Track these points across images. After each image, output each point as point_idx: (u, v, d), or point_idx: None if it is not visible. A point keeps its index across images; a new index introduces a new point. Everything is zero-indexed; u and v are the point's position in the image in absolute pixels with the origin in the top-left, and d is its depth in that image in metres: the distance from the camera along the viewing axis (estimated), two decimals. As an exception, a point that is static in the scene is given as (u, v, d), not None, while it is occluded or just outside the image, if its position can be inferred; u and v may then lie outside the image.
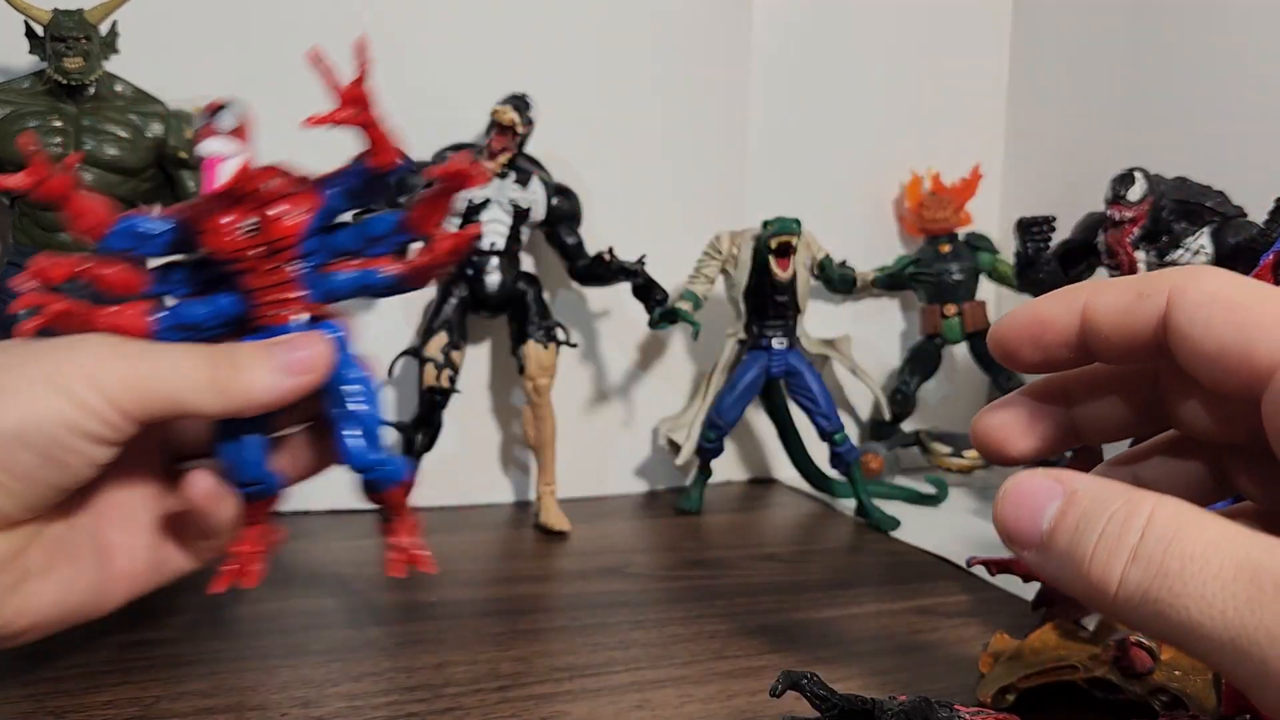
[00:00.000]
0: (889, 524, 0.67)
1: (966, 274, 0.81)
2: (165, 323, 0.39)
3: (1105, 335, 0.26)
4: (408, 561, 0.43)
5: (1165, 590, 0.21)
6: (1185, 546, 0.22)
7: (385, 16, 0.67)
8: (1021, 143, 0.88)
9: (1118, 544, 0.22)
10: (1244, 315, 0.24)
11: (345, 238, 0.41)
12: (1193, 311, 0.25)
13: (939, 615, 0.50)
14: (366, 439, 0.40)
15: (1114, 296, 0.26)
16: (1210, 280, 0.25)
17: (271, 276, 0.39)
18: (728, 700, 0.40)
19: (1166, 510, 0.22)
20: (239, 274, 0.39)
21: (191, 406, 0.35)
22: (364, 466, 0.40)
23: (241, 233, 0.38)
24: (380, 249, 0.41)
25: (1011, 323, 0.28)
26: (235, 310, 0.39)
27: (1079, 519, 0.23)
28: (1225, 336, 0.24)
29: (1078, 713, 0.38)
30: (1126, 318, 0.26)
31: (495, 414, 0.73)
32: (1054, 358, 0.27)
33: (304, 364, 0.37)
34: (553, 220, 0.68)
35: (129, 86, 0.59)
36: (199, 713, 0.37)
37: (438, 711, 0.38)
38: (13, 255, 0.57)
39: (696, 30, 0.76)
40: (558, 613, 0.50)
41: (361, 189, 0.40)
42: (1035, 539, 0.24)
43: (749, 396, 0.71)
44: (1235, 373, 0.24)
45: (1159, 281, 0.26)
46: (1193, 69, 0.72)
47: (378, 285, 0.41)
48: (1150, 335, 0.26)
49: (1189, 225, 0.62)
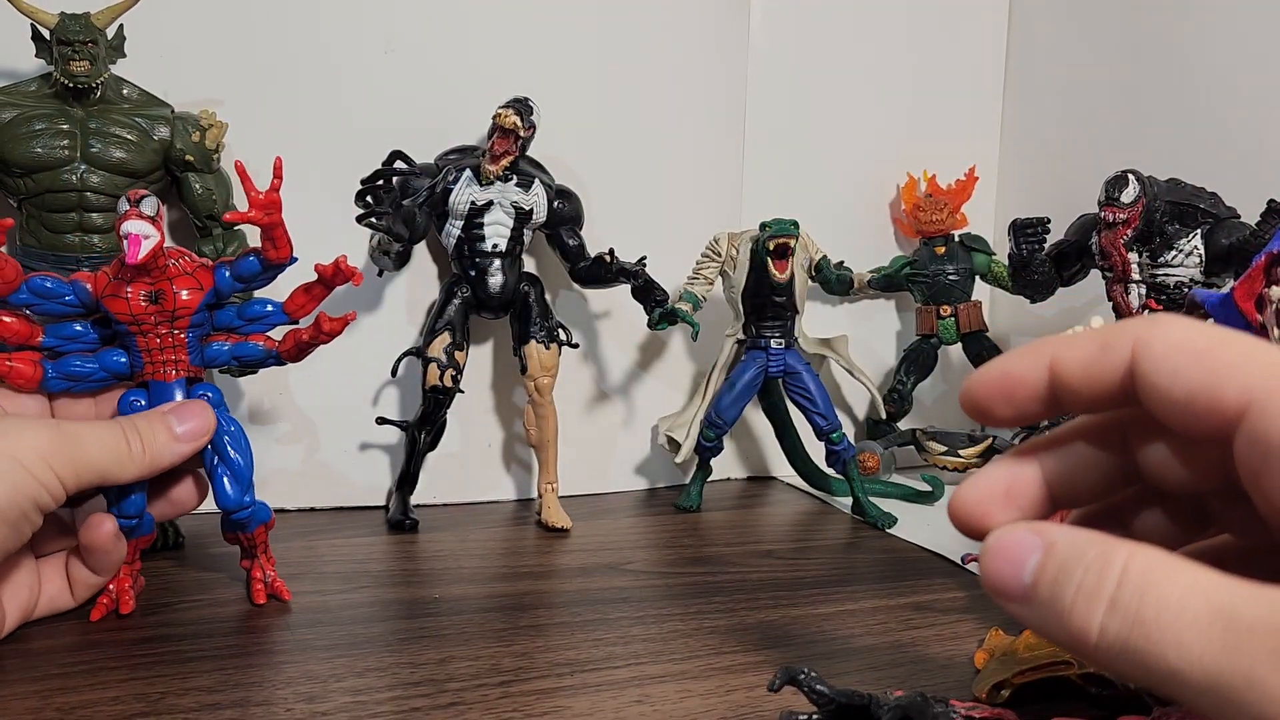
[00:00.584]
0: (885, 521, 0.68)
1: (962, 275, 0.81)
2: (52, 371, 0.47)
3: (1074, 388, 0.27)
4: (270, 591, 0.51)
5: (1143, 639, 0.22)
6: (1160, 595, 0.22)
7: (388, 20, 0.67)
8: (1016, 145, 0.89)
9: (1095, 593, 0.23)
10: (1209, 360, 0.24)
11: (226, 315, 0.50)
12: (1159, 360, 0.25)
13: (935, 611, 0.51)
14: (239, 485, 0.48)
15: (1080, 349, 0.27)
16: (1173, 328, 0.25)
17: (163, 340, 0.47)
18: (727, 695, 0.40)
19: (1140, 559, 0.23)
20: (134, 335, 0.47)
21: (114, 478, 0.43)
22: (237, 507, 0.48)
23: (143, 300, 0.46)
24: (255, 328, 0.50)
25: (982, 380, 0.28)
26: (121, 368, 0.48)
27: (1057, 570, 0.24)
28: (1193, 382, 0.24)
29: (1072, 708, 0.39)
30: (1093, 369, 0.26)
31: (497, 413, 0.73)
32: (1026, 412, 0.28)
33: (195, 432, 0.46)
34: (554, 223, 0.68)
35: (135, 90, 0.59)
36: (205, 708, 0.38)
37: (441, 706, 0.39)
38: (20, 257, 0.57)
39: (695, 34, 0.77)
40: (559, 609, 0.50)
41: (253, 275, 0.48)
42: (1019, 593, 0.24)
43: (747, 396, 0.71)
44: (1205, 417, 0.24)
45: (1122, 332, 0.26)
46: (1186, 72, 0.73)
47: (249, 358, 0.50)
48: (1118, 385, 0.26)
49: (1182, 227, 0.63)
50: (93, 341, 0.48)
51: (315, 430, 0.68)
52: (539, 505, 0.67)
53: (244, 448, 0.49)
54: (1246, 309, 0.37)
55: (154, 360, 0.47)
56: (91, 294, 0.47)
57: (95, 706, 0.37)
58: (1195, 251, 0.62)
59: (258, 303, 0.50)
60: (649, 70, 0.75)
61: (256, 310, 0.50)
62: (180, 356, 0.48)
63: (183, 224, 0.64)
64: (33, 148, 0.55)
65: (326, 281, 0.49)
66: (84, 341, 0.48)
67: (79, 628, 0.45)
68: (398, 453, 0.69)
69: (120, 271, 0.46)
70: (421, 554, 0.60)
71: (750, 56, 0.79)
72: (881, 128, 0.85)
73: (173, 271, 0.47)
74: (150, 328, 0.47)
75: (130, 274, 0.46)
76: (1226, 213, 0.63)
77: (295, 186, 0.64)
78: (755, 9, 0.79)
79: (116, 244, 0.53)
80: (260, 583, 0.51)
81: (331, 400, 0.68)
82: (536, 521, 0.67)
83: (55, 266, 0.56)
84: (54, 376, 0.47)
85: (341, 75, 0.67)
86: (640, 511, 0.72)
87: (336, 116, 0.67)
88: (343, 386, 0.68)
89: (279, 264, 0.48)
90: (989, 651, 0.43)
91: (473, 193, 0.65)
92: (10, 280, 0.45)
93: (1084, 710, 0.38)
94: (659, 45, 0.75)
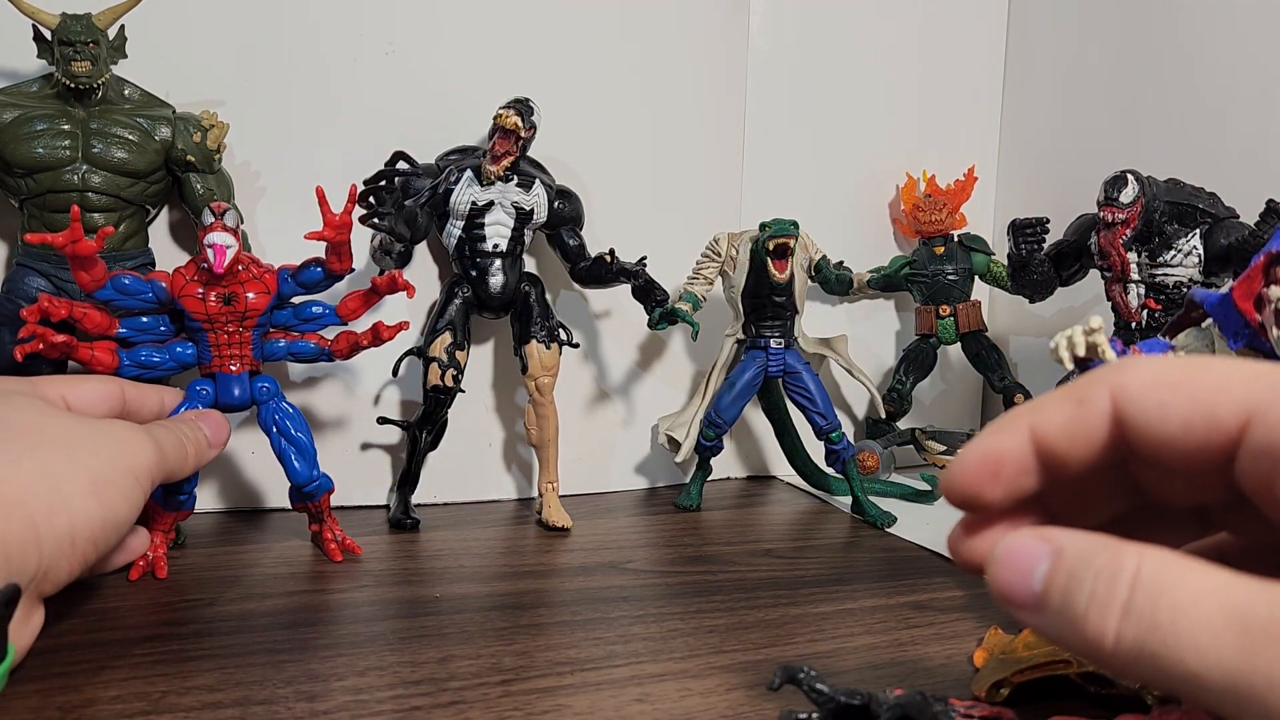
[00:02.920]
0: (885, 520, 0.68)
1: (961, 275, 0.81)
2: (126, 360, 0.53)
3: (1060, 451, 0.26)
4: (344, 548, 0.57)
5: (1160, 643, 0.22)
6: (1174, 598, 0.22)
7: (390, 21, 0.67)
8: (1015, 145, 0.89)
9: (1108, 600, 0.23)
10: (1193, 389, 0.24)
11: (284, 316, 0.56)
12: (1143, 401, 0.25)
13: (934, 610, 0.51)
14: (306, 460, 0.56)
15: (1055, 411, 0.26)
16: (1144, 369, 0.25)
17: (231, 337, 0.54)
18: (726, 693, 0.40)
19: (1151, 562, 0.22)
20: (205, 331, 0.54)
21: (175, 478, 0.48)
22: (307, 480, 0.55)
23: (216, 300, 0.53)
24: (310, 327, 0.57)
25: (963, 466, 0.27)
26: (188, 359, 0.55)
27: (1067, 578, 0.23)
28: (1184, 412, 0.24)
29: (1071, 707, 0.39)
30: (1076, 429, 0.26)
31: (498, 412, 0.74)
32: (1017, 488, 0.27)
33: (220, 440, 0.51)
34: (555, 223, 0.68)
35: (137, 90, 0.59)
36: (206, 707, 0.38)
37: (441, 705, 0.39)
38: (21, 258, 0.57)
39: (694, 34, 0.77)
40: (559, 607, 0.50)
41: (315, 282, 0.55)
42: (1030, 601, 0.24)
43: (747, 395, 0.71)
44: (1205, 443, 0.24)
45: (1093, 384, 0.26)
46: (1185, 72, 0.73)
47: (303, 354, 0.57)
48: (1105, 439, 0.26)
49: (1181, 227, 0.63)
50: (163, 334, 0.54)
51: (316, 430, 0.68)
52: (539, 504, 0.67)
53: (305, 428, 0.56)
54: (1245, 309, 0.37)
55: (221, 354, 0.54)
56: (168, 292, 0.53)
57: (96, 705, 0.37)
58: (1194, 251, 0.62)
59: (313, 305, 0.57)
60: (649, 70, 0.75)
61: (312, 311, 0.57)
62: (245, 352, 0.55)
63: (184, 224, 0.64)
64: (34, 148, 0.55)
65: (381, 291, 0.55)
66: (155, 334, 0.54)
67: (80, 626, 0.46)
68: (399, 452, 0.69)
69: (197, 274, 0.53)
70: (422, 553, 0.60)
71: (750, 56, 0.79)
72: (881, 128, 0.85)
73: (244, 276, 0.53)
74: (221, 325, 0.54)
75: (207, 277, 0.52)
76: (1225, 213, 0.63)
77: (295, 186, 0.64)
78: (755, 9, 0.79)
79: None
80: (332, 542, 0.57)
81: (332, 400, 0.68)
82: (537, 521, 0.67)
83: (57, 267, 0.56)
84: (127, 365, 0.53)
85: (342, 76, 0.67)
86: (640, 511, 0.72)
87: (337, 117, 0.67)
88: (344, 386, 0.69)
89: (341, 274, 0.55)
90: (988, 650, 0.43)
91: (474, 193, 0.65)
92: (99, 278, 0.51)
93: (1083, 709, 0.39)
94: (659, 45, 0.75)
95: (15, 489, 0.36)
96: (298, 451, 0.55)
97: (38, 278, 0.56)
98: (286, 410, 0.56)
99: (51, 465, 0.38)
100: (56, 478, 0.38)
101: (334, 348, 0.57)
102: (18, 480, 0.36)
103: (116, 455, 0.41)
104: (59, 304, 0.50)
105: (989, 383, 0.83)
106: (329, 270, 0.55)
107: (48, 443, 0.39)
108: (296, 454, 0.55)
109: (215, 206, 0.52)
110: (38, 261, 0.57)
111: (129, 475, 0.41)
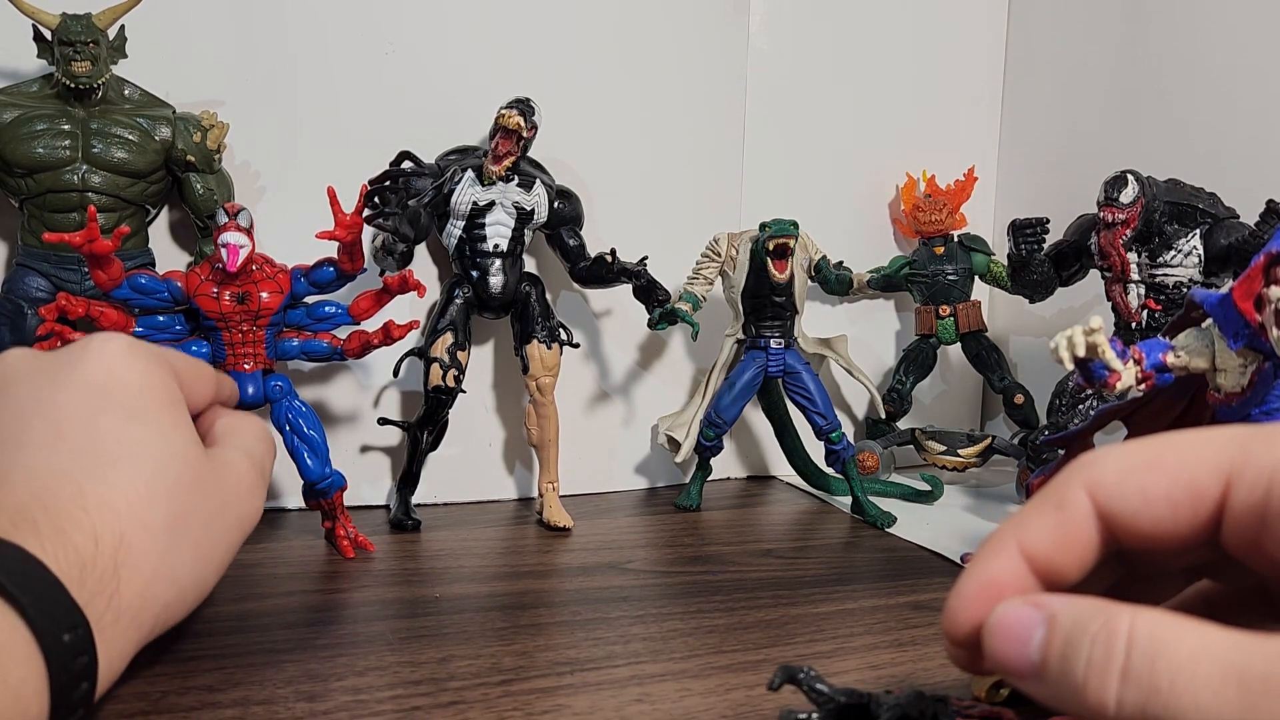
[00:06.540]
0: (885, 520, 0.68)
1: (961, 275, 0.81)
2: None
3: (1055, 562, 0.26)
4: (356, 544, 0.58)
5: (1161, 707, 0.22)
6: (1170, 659, 0.22)
7: (391, 21, 0.68)
8: (1015, 145, 0.89)
9: (1106, 666, 0.23)
10: (1166, 465, 0.25)
11: (297, 315, 0.57)
12: (1123, 489, 0.25)
13: (934, 610, 0.51)
14: (319, 458, 0.56)
15: (1039, 523, 0.26)
16: (1109, 460, 0.25)
17: (245, 335, 0.55)
18: (726, 694, 0.40)
19: (1144, 624, 0.23)
20: (219, 330, 0.55)
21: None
22: (320, 478, 0.56)
23: (230, 300, 0.54)
24: (322, 327, 0.58)
25: (962, 602, 0.26)
26: (203, 358, 0.54)
27: (1063, 645, 0.24)
28: (1167, 492, 0.24)
29: (1069, 706, 0.39)
30: (1063, 536, 0.26)
31: (499, 413, 0.74)
32: None
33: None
34: (555, 223, 0.68)
35: (137, 90, 0.59)
36: (205, 706, 0.38)
37: (441, 705, 0.39)
38: (21, 257, 0.57)
39: (694, 34, 0.77)
40: (559, 607, 0.51)
41: (327, 282, 0.56)
42: (1029, 670, 0.24)
43: (747, 395, 0.71)
44: (1193, 518, 0.24)
45: (1068, 485, 0.26)
46: (1185, 72, 0.73)
47: (316, 353, 0.58)
48: (1096, 538, 0.26)
49: (1181, 227, 0.63)
50: (178, 333, 0.55)
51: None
52: (540, 504, 0.68)
53: (317, 426, 0.57)
54: (1245, 309, 0.37)
55: (235, 353, 0.55)
56: (184, 291, 0.54)
57: (96, 705, 0.37)
58: (1194, 252, 0.62)
59: (326, 304, 0.57)
60: (649, 70, 0.75)
61: (325, 311, 0.57)
62: (258, 350, 0.55)
63: (184, 224, 0.64)
64: (34, 148, 0.55)
65: (392, 291, 0.56)
66: (170, 332, 0.55)
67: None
68: (399, 453, 0.69)
69: (212, 273, 0.54)
70: (422, 553, 0.60)
71: (750, 56, 0.80)
72: (881, 128, 0.85)
73: (257, 276, 0.54)
74: (235, 324, 0.54)
75: (221, 276, 0.53)
76: (1225, 213, 0.63)
77: (296, 186, 0.65)
78: (755, 9, 0.79)
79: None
80: (345, 539, 0.58)
81: (333, 401, 0.68)
82: (537, 521, 0.67)
83: (57, 267, 0.56)
84: None
85: (343, 76, 0.67)
86: (640, 511, 0.72)
87: (338, 117, 0.67)
88: (344, 387, 0.69)
89: (353, 274, 0.56)
90: (988, 650, 0.43)
91: (474, 193, 0.65)
92: (116, 277, 0.51)
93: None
94: (659, 45, 0.75)
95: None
96: (310, 449, 0.56)
97: (37, 277, 0.57)
98: (299, 408, 0.56)
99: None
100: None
101: (346, 347, 0.58)
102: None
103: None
104: (77, 302, 0.51)
105: (989, 383, 0.83)
106: (341, 270, 0.55)
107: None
108: (309, 452, 0.56)
109: (229, 207, 0.53)
110: (37, 261, 0.57)
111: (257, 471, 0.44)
